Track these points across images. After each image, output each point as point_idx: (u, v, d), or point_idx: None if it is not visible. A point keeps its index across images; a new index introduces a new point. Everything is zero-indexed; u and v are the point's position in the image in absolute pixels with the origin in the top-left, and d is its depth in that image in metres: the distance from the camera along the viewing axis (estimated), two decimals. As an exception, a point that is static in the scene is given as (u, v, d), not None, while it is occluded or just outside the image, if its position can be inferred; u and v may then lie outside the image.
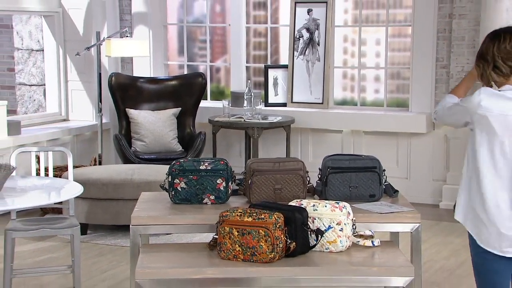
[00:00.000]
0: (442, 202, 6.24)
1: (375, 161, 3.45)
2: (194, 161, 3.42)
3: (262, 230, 2.84)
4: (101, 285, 4.41)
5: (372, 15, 6.78)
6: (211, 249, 3.04)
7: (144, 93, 6.61)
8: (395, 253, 3.05)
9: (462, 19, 6.11)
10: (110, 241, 5.24)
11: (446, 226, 5.63)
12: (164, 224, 3.25)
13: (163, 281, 2.89)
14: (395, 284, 2.94)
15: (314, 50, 6.68)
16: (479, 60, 2.77)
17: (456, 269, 4.69)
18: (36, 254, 4.96)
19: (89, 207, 5.27)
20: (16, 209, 4.04)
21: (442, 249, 5.09)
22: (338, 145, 6.61)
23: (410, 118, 6.34)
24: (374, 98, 6.84)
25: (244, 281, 2.92)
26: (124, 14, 7.16)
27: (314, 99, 6.70)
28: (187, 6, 7.25)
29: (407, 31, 6.58)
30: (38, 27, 7.98)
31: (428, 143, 6.35)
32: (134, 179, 5.26)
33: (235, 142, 6.97)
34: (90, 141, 6.76)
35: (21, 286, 4.32)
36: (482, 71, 2.75)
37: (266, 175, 3.36)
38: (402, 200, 3.47)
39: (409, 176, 6.43)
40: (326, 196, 3.39)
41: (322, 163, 3.47)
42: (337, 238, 2.99)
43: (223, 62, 7.31)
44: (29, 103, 8.25)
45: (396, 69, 6.71)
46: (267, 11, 7.02)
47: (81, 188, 3.82)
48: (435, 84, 6.33)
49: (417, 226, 3.22)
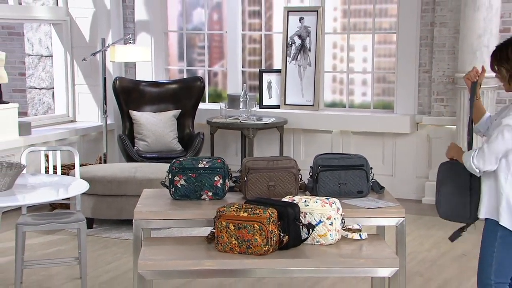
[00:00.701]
0: (425, 197, 6.23)
1: (362, 160, 3.44)
2: (193, 159, 3.40)
3: (257, 224, 2.83)
4: (106, 276, 4.39)
5: (359, 23, 6.77)
6: (209, 242, 3.03)
7: (146, 96, 6.58)
8: (381, 246, 3.04)
9: (443, 27, 6.10)
10: (114, 234, 5.22)
11: (428, 220, 5.63)
12: (165, 218, 3.23)
13: (164, 272, 2.88)
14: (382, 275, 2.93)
15: (306, 56, 6.67)
16: (508, 63, 2.78)
17: (437, 260, 4.69)
18: (45, 247, 4.94)
19: (94, 203, 5.24)
20: (26, 205, 4.02)
21: (424, 241, 5.09)
22: (328, 144, 6.60)
23: (395, 119, 6.33)
24: (362, 101, 6.83)
25: (240, 272, 2.91)
26: (128, 22, 7.13)
27: (306, 102, 6.69)
28: (186, 14, 7.23)
29: (392, 38, 6.57)
30: (48, 35, 7.95)
31: (412, 143, 6.34)
32: (137, 176, 5.24)
33: (231, 142, 6.96)
34: (96, 141, 6.74)
35: (31, 276, 4.30)
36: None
37: (261, 173, 3.35)
38: (387, 196, 3.47)
39: (394, 174, 6.43)
40: (317, 193, 3.38)
41: (313, 161, 3.46)
42: (327, 231, 2.98)
43: (220, 67, 7.29)
44: (39, 106, 8.22)
45: (382, 73, 6.70)
46: (261, 19, 7.01)
47: (87, 185, 3.81)
48: (418, 88, 6.33)
49: (402, 220, 3.21)
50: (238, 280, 4.20)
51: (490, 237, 2.82)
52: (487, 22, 5.52)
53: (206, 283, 4.20)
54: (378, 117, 6.42)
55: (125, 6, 7.10)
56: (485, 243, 2.86)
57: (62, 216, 4.13)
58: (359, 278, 4.13)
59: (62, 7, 6.84)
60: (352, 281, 4.20)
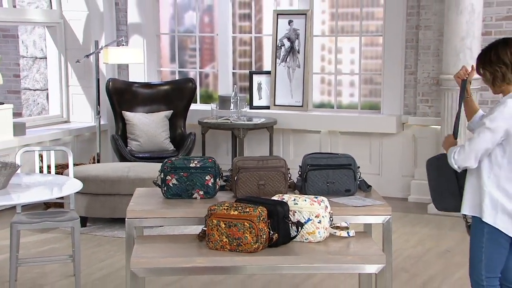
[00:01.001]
0: (411, 196, 6.25)
1: (350, 159, 3.44)
2: (184, 159, 3.39)
3: (247, 222, 2.83)
4: (99, 273, 4.37)
5: (347, 26, 6.78)
6: (200, 240, 3.02)
7: (139, 97, 6.56)
8: (368, 243, 3.04)
9: (428, 30, 6.12)
10: (108, 233, 5.20)
11: (414, 218, 5.64)
12: (157, 217, 3.22)
13: (156, 270, 2.87)
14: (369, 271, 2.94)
15: (295, 58, 6.67)
16: (496, 64, 2.75)
17: (423, 256, 4.70)
18: (39, 245, 4.91)
19: (88, 202, 5.22)
20: (21, 204, 4.00)
21: (410, 238, 5.10)
22: (316, 144, 6.61)
23: (381, 119, 6.35)
24: (349, 102, 6.84)
25: (230, 269, 2.91)
26: (121, 24, 7.11)
27: (295, 102, 6.69)
28: (178, 17, 7.21)
29: (378, 40, 6.59)
30: (42, 37, 7.91)
31: (398, 142, 6.36)
32: (130, 176, 5.22)
33: (222, 142, 6.95)
34: (89, 141, 6.71)
35: (26, 274, 4.27)
36: (500, 74, 2.74)
37: (251, 172, 3.35)
38: (374, 194, 3.47)
39: (381, 173, 6.44)
40: (306, 191, 3.38)
41: (302, 161, 3.46)
42: (315, 229, 2.98)
43: (211, 68, 7.27)
44: (33, 107, 8.17)
45: (369, 75, 6.71)
46: (251, 22, 7.00)
47: (80, 184, 3.79)
48: (404, 89, 6.35)
49: (388, 218, 3.21)
50: (228, 277, 4.20)
51: (478, 234, 2.83)
52: (469, 25, 5.55)
53: (198, 280, 4.19)
54: (365, 117, 6.43)
55: (118, 9, 7.07)
56: (473, 240, 2.87)
57: (56, 215, 4.11)
58: (346, 275, 4.14)
59: (56, 10, 6.81)
60: (340, 277, 4.20)
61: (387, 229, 3.22)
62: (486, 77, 2.83)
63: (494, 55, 2.78)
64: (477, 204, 2.81)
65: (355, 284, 3.94)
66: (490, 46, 2.83)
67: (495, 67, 2.78)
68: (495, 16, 5.87)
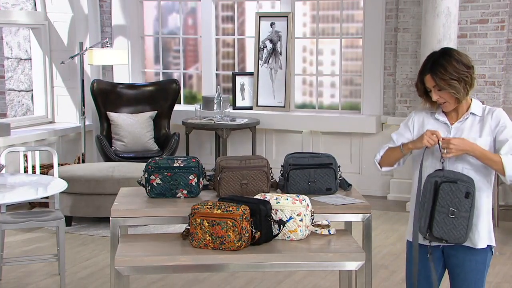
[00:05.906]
0: (390, 194, 6.28)
1: (331, 158, 3.45)
2: (168, 159, 3.38)
3: (230, 221, 2.82)
4: (84, 271, 4.34)
5: (327, 28, 6.80)
6: (184, 239, 3.00)
7: (124, 97, 6.53)
8: (348, 241, 3.05)
9: (406, 33, 6.16)
10: (92, 232, 5.16)
11: (393, 216, 5.67)
12: (141, 216, 3.20)
13: (140, 268, 2.85)
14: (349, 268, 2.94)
15: (277, 59, 6.68)
16: (462, 70, 2.52)
17: (402, 253, 4.72)
18: (24, 244, 4.87)
19: (73, 201, 5.18)
20: (6, 203, 3.96)
21: (389, 236, 5.13)
22: (298, 144, 6.62)
23: (361, 120, 6.37)
24: (330, 102, 6.86)
25: (213, 267, 2.90)
26: (105, 26, 7.06)
27: (277, 103, 6.70)
28: (162, 19, 7.18)
29: (358, 42, 6.61)
30: (26, 38, 7.84)
31: (378, 142, 6.38)
32: (114, 175, 5.19)
33: (206, 141, 6.93)
34: (74, 141, 6.66)
35: (11, 273, 4.23)
36: (470, 79, 2.55)
37: (234, 172, 3.34)
38: (355, 193, 3.48)
39: (361, 171, 6.47)
40: (288, 190, 3.38)
41: (284, 160, 3.46)
42: (297, 227, 2.98)
43: (195, 69, 7.26)
44: (18, 107, 8.09)
45: (349, 76, 6.73)
46: (234, 24, 7.00)
47: (65, 184, 3.76)
48: (383, 90, 6.38)
49: (368, 216, 3.22)
50: (212, 274, 4.19)
51: (408, 256, 2.82)
52: (446, 28, 5.59)
53: (181, 277, 4.18)
54: (345, 117, 6.46)
55: (102, 11, 7.02)
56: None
57: (41, 215, 4.07)
58: (327, 271, 4.15)
59: (41, 11, 6.74)
60: (321, 274, 4.21)
61: (367, 227, 3.23)
62: (455, 89, 2.56)
63: (455, 62, 2.53)
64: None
65: (335, 281, 3.95)
66: (437, 58, 2.58)
67: (463, 73, 2.54)
68: (470, 19, 5.92)
